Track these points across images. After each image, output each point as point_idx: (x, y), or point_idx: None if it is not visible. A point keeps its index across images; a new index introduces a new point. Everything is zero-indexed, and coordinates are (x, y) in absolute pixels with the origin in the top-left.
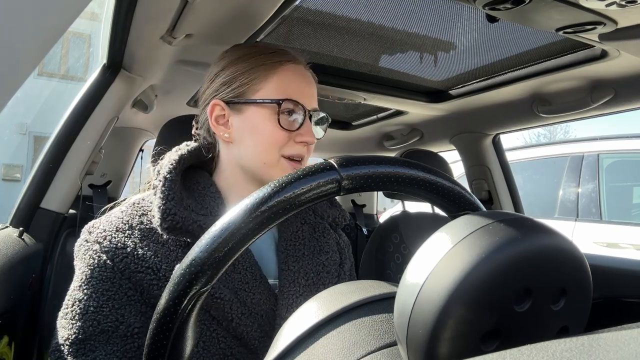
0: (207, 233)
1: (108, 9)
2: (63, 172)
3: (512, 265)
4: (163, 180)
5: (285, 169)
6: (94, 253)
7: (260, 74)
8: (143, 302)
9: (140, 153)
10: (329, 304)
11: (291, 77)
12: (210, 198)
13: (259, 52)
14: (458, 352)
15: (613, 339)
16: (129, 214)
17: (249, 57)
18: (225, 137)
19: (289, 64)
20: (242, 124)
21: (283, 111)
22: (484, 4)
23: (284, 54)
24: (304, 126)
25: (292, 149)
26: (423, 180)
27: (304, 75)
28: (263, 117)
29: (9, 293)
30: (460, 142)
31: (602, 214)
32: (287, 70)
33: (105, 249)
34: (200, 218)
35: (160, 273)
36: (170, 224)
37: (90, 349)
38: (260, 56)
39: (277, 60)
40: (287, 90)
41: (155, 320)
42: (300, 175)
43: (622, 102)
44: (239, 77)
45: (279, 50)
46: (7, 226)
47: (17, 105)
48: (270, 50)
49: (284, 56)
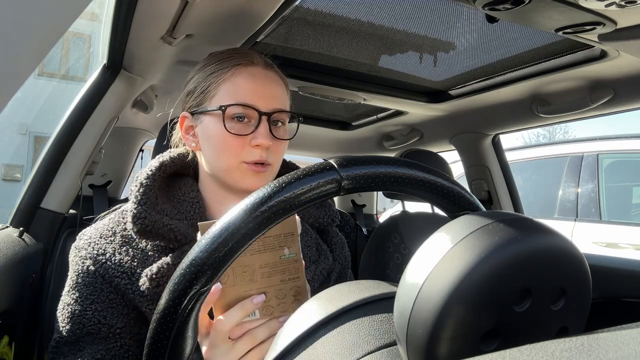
0: (207, 233)
1: (108, 9)
2: (63, 172)
3: (511, 265)
4: (138, 186)
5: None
6: (79, 259)
7: (212, 81)
8: (124, 305)
9: (140, 153)
10: (329, 303)
11: (242, 81)
12: (188, 203)
13: (216, 58)
14: (458, 352)
15: (613, 339)
16: (115, 221)
17: (207, 65)
18: (193, 146)
19: (241, 67)
20: (203, 132)
21: (231, 116)
22: (484, 4)
23: (238, 57)
24: (258, 129)
25: (250, 154)
26: (423, 180)
27: (259, 76)
28: (214, 125)
29: (9, 293)
30: (460, 142)
31: (602, 214)
32: (239, 74)
33: (89, 255)
34: (173, 222)
35: (134, 277)
36: (140, 227)
37: (79, 348)
38: (215, 63)
39: (228, 65)
40: (238, 94)
41: (155, 320)
42: (300, 175)
43: (621, 102)
44: (198, 87)
45: (235, 53)
46: (7, 226)
47: (18, 105)
48: (227, 55)
49: (237, 59)
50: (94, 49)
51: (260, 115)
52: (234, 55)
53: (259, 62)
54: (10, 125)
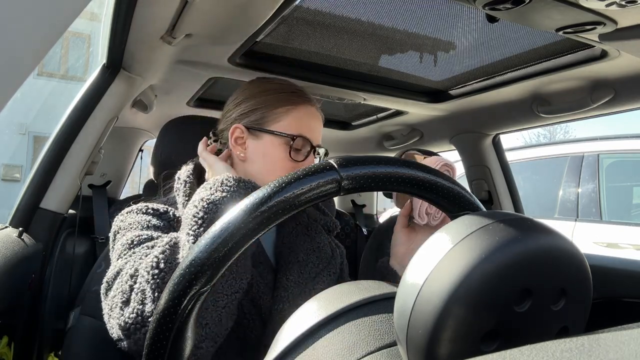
0: (207, 233)
1: (108, 9)
2: (62, 172)
3: (512, 266)
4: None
5: None
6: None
7: (280, 110)
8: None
9: (140, 153)
10: (329, 304)
11: (305, 117)
12: None
13: (282, 88)
14: (458, 353)
15: (613, 339)
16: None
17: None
18: (241, 156)
19: (305, 105)
20: (257, 147)
21: (295, 145)
22: (484, 4)
23: (303, 95)
24: (308, 159)
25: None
26: (423, 180)
27: (315, 116)
28: (276, 146)
29: (8, 293)
30: (460, 142)
31: (602, 214)
32: (302, 110)
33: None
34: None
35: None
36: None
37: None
38: (282, 93)
39: (296, 100)
40: (301, 127)
41: (155, 320)
42: (300, 176)
43: (622, 102)
44: (262, 109)
45: (298, 90)
46: (6, 226)
47: (17, 105)
48: (291, 90)
49: (302, 98)
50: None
51: (311, 148)
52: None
53: (314, 103)
54: (9, 125)
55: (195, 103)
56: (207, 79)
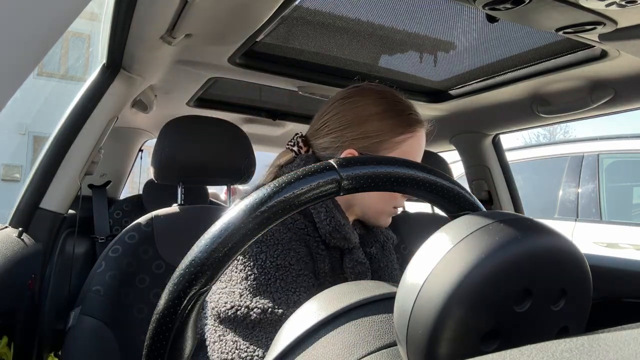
0: (207, 233)
1: (108, 9)
2: (62, 172)
3: (511, 266)
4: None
5: (389, 215)
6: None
7: (399, 138)
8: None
9: (139, 153)
10: (329, 304)
11: (418, 144)
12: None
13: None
14: (458, 353)
15: (613, 339)
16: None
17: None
18: None
19: (422, 130)
20: None
21: None
22: (484, 4)
23: (420, 120)
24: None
25: (401, 202)
26: (423, 180)
27: (424, 140)
28: None
29: (8, 293)
30: (460, 142)
31: (602, 214)
32: (418, 137)
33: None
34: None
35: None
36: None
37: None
38: (401, 117)
39: (415, 127)
40: (417, 153)
41: (155, 321)
42: (300, 176)
43: (622, 102)
44: (379, 135)
45: (413, 112)
46: (6, 226)
47: (17, 105)
48: (408, 113)
49: (420, 123)
50: (94, 49)
51: None
52: (417, 115)
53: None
54: (9, 125)
55: (195, 103)
56: (207, 79)
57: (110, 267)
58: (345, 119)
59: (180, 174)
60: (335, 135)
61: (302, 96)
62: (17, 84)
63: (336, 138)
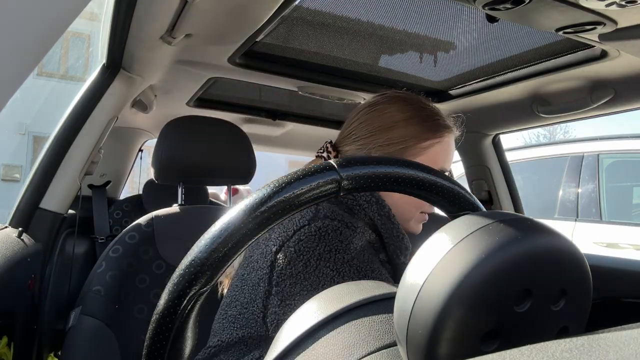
0: (207, 233)
1: (107, 9)
2: (62, 172)
3: (511, 266)
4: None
5: (418, 221)
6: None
7: (425, 144)
8: None
9: (139, 153)
10: (329, 304)
11: (446, 149)
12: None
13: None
14: (458, 353)
15: (613, 339)
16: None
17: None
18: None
19: (450, 135)
20: None
21: None
22: (484, 4)
23: (448, 125)
24: None
25: (428, 207)
26: (423, 180)
27: (453, 144)
28: None
29: (8, 293)
30: (460, 142)
31: (602, 214)
32: (446, 141)
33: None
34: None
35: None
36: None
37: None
38: (428, 122)
39: (442, 132)
40: (444, 161)
41: (155, 321)
42: (300, 176)
43: (622, 102)
44: (405, 141)
45: (441, 117)
46: (6, 226)
47: (17, 105)
48: (434, 118)
49: (448, 128)
50: (93, 49)
51: None
52: (445, 120)
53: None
54: (9, 125)
55: (195, 103)
56: (207, 79)
57: (110, 267)
58: (371, 126)
59: (180, 174)
60: (361, 143)
61: (302, 96)
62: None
63: (362, 145)
